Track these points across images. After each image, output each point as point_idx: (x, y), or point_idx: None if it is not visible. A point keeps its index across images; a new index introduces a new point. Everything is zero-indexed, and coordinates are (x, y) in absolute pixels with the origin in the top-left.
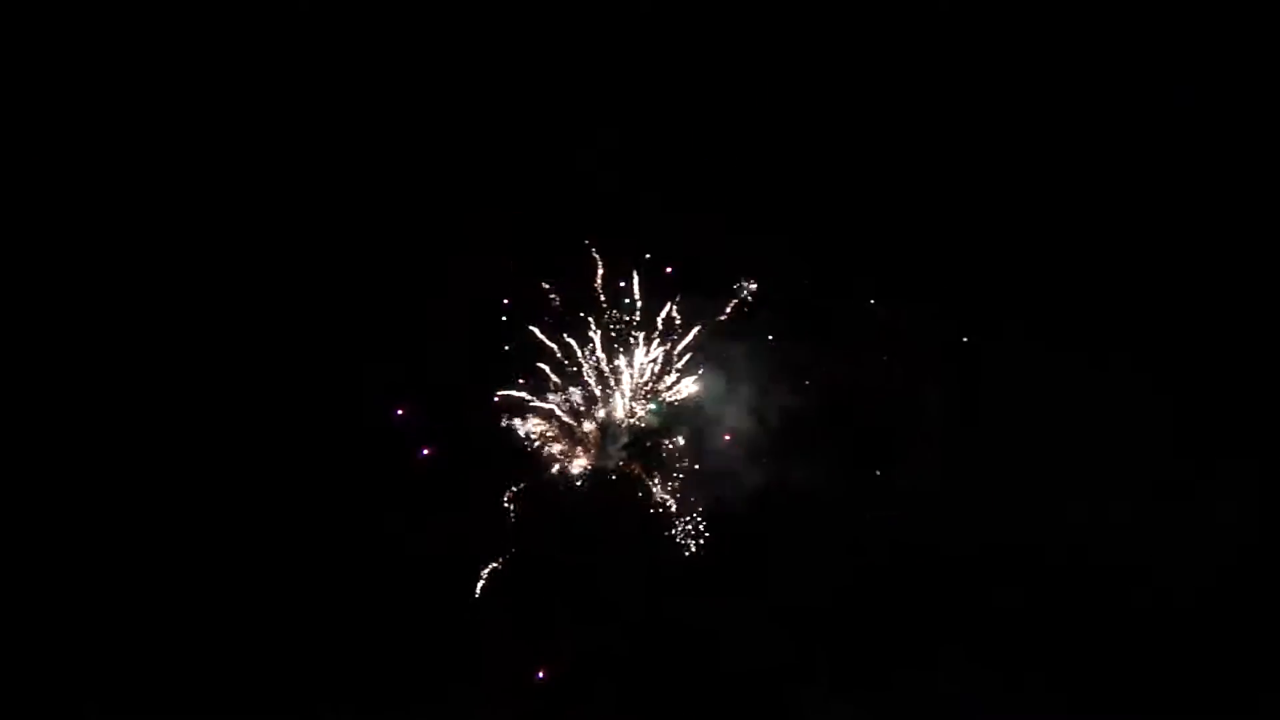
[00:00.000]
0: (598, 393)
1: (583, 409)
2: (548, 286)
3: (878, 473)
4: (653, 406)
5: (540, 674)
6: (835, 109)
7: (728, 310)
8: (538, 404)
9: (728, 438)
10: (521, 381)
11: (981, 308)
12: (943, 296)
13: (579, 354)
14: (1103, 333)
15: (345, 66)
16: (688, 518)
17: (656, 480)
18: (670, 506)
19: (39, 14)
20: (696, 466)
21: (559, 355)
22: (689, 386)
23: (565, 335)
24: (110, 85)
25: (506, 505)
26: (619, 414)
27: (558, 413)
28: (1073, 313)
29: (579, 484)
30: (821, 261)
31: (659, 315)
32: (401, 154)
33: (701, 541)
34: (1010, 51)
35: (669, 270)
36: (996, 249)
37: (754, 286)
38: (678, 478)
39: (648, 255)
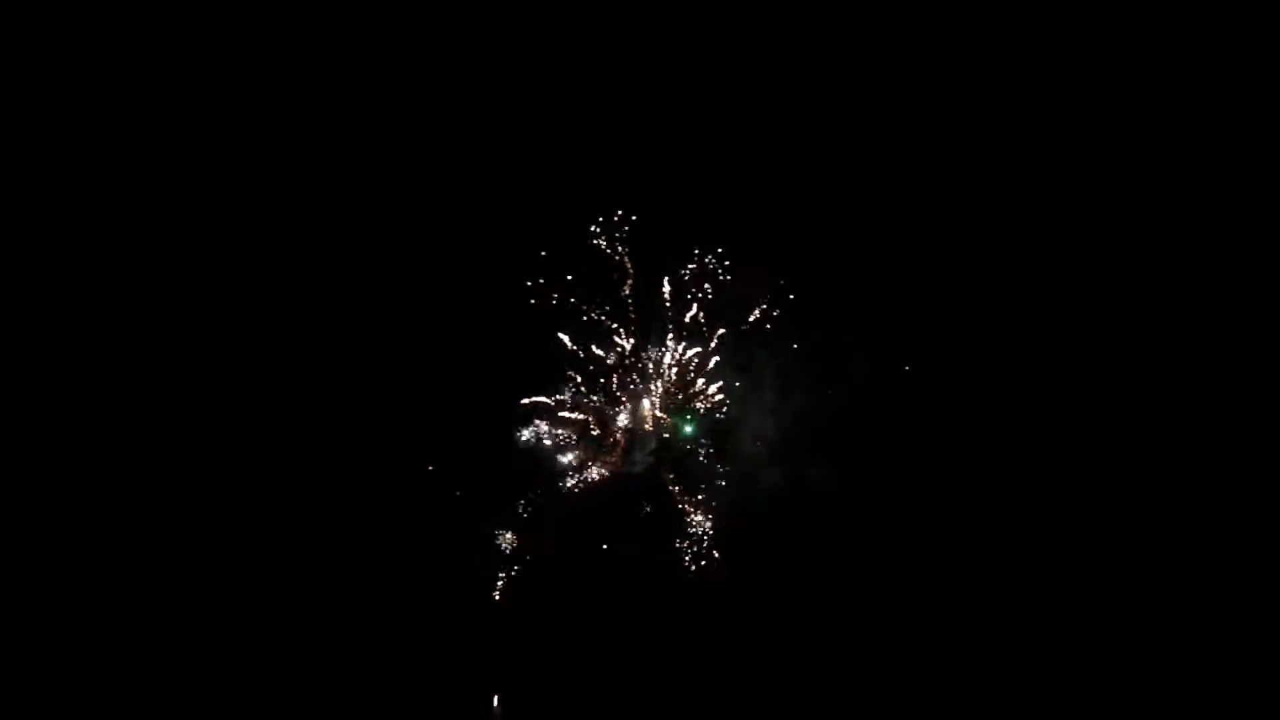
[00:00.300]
0: (624, 399)
1: (609, 414)
2: (576, 295)
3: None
4: (689, 429)
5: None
6: (856, 118)
7: (755, 315)
8: (564, 412)
9: (759, 444)
10: (549, 389)
11: (985, 308)
12: (950, 298)
13: (606, 360)
14: (1103, 332)
15: (366, 76)
16: (711, 520)
17: (682, 486)
18: (695, 513)
19: (39, 14)
20: (720, 471)
21: (586, 361)
22: (717, 392)
23: (593, 345)
24: (114, 93)
25: (523, 512)
26: (647, 421)
27: (585, 418)
28: (1074, 313)
29: (603, 488)
30: (837, 265)
31: (685, 317)
32: (424, 156)
33: (722, 545)
34: (1014, 54)
35: (698, 271)
36: (1000, 250)
37: (788, 285)
38: (703, 486)
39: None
